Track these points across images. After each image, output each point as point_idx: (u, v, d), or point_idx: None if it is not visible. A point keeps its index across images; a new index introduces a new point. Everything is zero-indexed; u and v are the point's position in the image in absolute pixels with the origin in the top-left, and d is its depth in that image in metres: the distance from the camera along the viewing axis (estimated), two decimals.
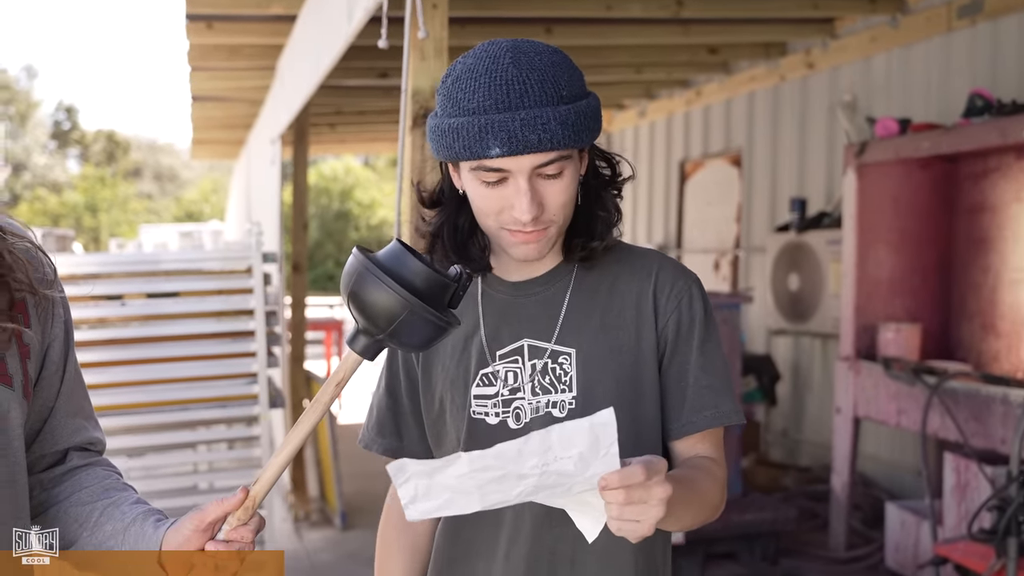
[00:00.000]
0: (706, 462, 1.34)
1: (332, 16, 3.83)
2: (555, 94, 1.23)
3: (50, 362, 1.27)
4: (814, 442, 6.11)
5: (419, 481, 1.04)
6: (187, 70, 6.32)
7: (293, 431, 1.19)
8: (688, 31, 5.65)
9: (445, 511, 1.07)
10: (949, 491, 3.89)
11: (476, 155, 1.24)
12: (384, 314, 1.14)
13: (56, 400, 1.29)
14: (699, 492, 1.26)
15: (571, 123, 1.24)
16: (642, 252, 1.42)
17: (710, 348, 1.37)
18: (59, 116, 38.47)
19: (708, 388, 1.35)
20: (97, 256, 3.93)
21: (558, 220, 1.30)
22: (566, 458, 1.01)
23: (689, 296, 1.37)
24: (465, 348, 1.40)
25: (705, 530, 4.29)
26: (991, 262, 4.43)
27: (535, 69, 1.24)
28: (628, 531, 1.05)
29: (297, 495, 5.69)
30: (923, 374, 4.03)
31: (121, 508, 1.25)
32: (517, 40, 1.28)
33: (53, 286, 1.27)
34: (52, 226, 25.87)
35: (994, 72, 4.76)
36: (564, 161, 1.26)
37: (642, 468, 1.03)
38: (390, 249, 1.19)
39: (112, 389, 3.56)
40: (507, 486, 1.04)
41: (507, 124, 1.21)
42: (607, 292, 1.38)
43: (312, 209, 24.00)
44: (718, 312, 4.59)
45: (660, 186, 8.27)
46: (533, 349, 1.37)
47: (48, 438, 1.30)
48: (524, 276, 1.40)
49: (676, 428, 1.36)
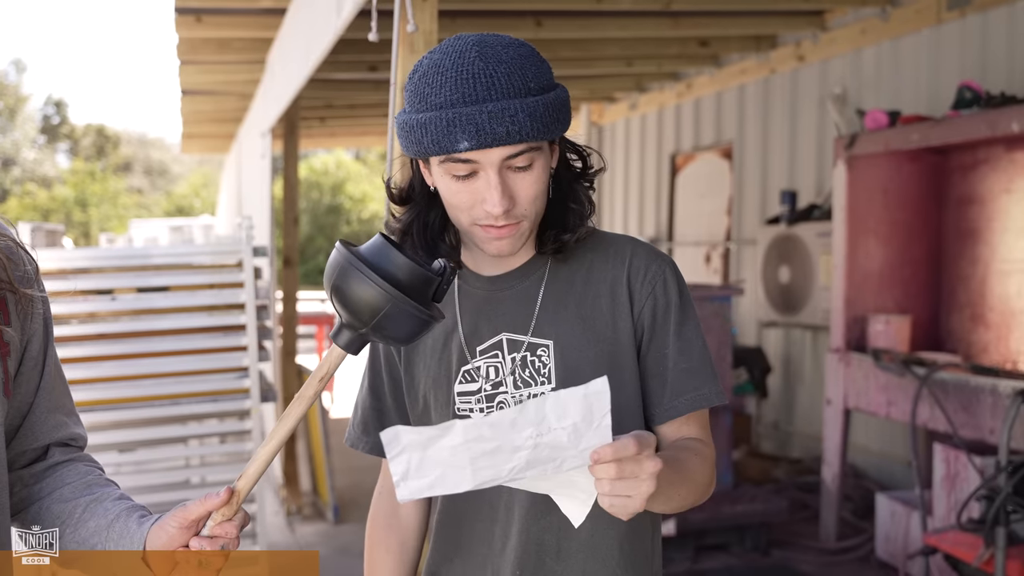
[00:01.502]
0: (693, 443, 1.34)
1: (321, 9, 3.82)
2: (523, 86, 1.23)
3: (29, 358, 1.27)
4: (805, 434, 6.14)
5: (412, 454, 1.03)
6: (176, 64, 6.30)
7: (278, 425, 1.19)
8: (678, 24, 5.65)
9: (436, 489, 1.06)
10: (939, 481, 3.91)
11: (445, 149, 1.23)
12: (367, 308, 1.14)
13: (36, 396, 1.29)
14: (687, 471, 1.26)
15: (539, 115, 1.24)
16: (615, 239, 1.41)
17: (687, 331, 1.36)
18: (48, 110, 38.28)
19: (687, 371, 1.35)
20: (87, 251, 3.91)
21: (530, 215, 1.30)
22: (560, 429, 1.01)
23: (663, 280, 1.37)
24: (445, 346, 1.40)
25: (696, 521, 4.31)
26: (980, 253, 4.45)
27: (502, 62, 1.24)
28: (619, 507, 1.05)
29: (289, 489, 5.69)
30: (913, 365, 4.05)
31: (104, 504, 1.25)
32: (483, 35, 1.28)
33: (33, 284, 1.26)
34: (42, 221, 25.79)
35: (983, 64, 4.78)
36: (534, 153, 1.26)
37: (634, 441, 1.04)
38: (373, 243, 1.19)
39: (102, 384, 3.54)
40: (500, 460, 1.04)
41: (475, 117, 1.21)
42: (582, 282, 1.38)
43: (303, 203, 23.98)
44: (709, 304, 4.60)
45: (651, 179, 8.27)
46: (512, 343, 1.37)
47: (28, 434, 1.29)
48: (499, 270, 1.40)
49: (659, 413, 1.36)
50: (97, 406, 3.51)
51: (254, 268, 3.64)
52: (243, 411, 3.67)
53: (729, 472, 4.70)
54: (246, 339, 3.63)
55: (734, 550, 4.52)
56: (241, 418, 3.72)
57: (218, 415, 3.75)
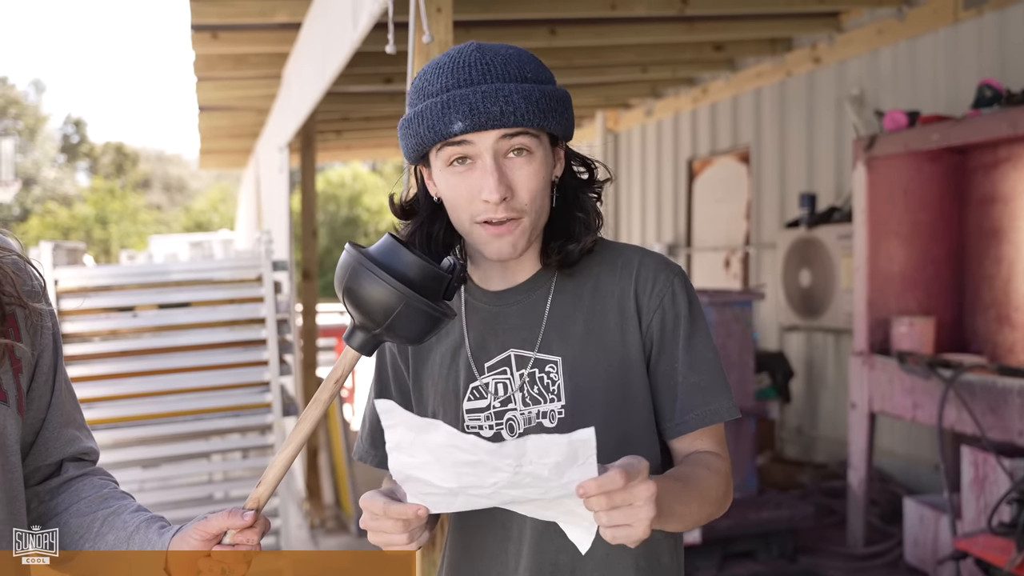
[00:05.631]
0: (705, 456, 1.31)
1: (337, 22, 3.83)
2: (519, 74, 1.24)
3: (40, 374, 1.27)
4: (829, 438, 6.09)
5: (405, 433, 1.03)
6: (193, 80, 6.33)
7: (295, 431, 1.18)
8: (693, 28, 5.63)
9: (422, 473, 1.05)
10: (967, 485, 3.86)
11: (440, 134, 1.23)
12: (380, 308, 1.13)
13: (48, 411, 1.29)
14: (697, 487, 1.23)
15: (535, 100, 1.23)
16: (623, 249, 1.38)
17: (697, 343, 1.33)
18: (68, 130, 38.66)
19: (696, 386, 1.32)
20: (108, 268, 3.93)
21: (529, 211, 1.27)
22: (540, 464, 0.99)
23: (672, 292, 1.33)
24: (453, 361, 1.38)
25: (722, 529, 4.28)
26: (1004, 253, 4.40)
27: (499, 54, 1.25)
28: (622, 537, 1.03)
29: (312, 502, 5.70)
30: (938, 367, 4.01)
31: (122, 517, 1.25)
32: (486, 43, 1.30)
33: (41, 299, 1.27)
34: (63, 239, 25.99)
35: (1003, 62, 4.74)
36: (530, 139, 1.25)
37: (620, 472, 1.00)
38: (382, 243, 1.19)
39: (125, 401, 3.56)
40: (481, 472, 1.02)
41: (468, 97, 1.21)
42: (590, 295, 1.35)
43: (321, 216, 24.07)
44: (730, 310, 4.57)
45: (668, 185, 8.25)
46: (520, 359, 1.34)
47: (42, 450, 1.29)
48: (505, 285, 1.37)
49: (669, 428, 1.33)
50: (120, 423, 3.53)
51: (274, 282, 3.65)
52: (265, 425, 3.68)
53: (754, 478, 4.66)
54: (267, 353, 3.64)
55: (761, 557, 4.48)
56: (263, 432, 3.72)
57: (240, 430, 3.76)
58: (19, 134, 35.31)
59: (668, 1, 4.97)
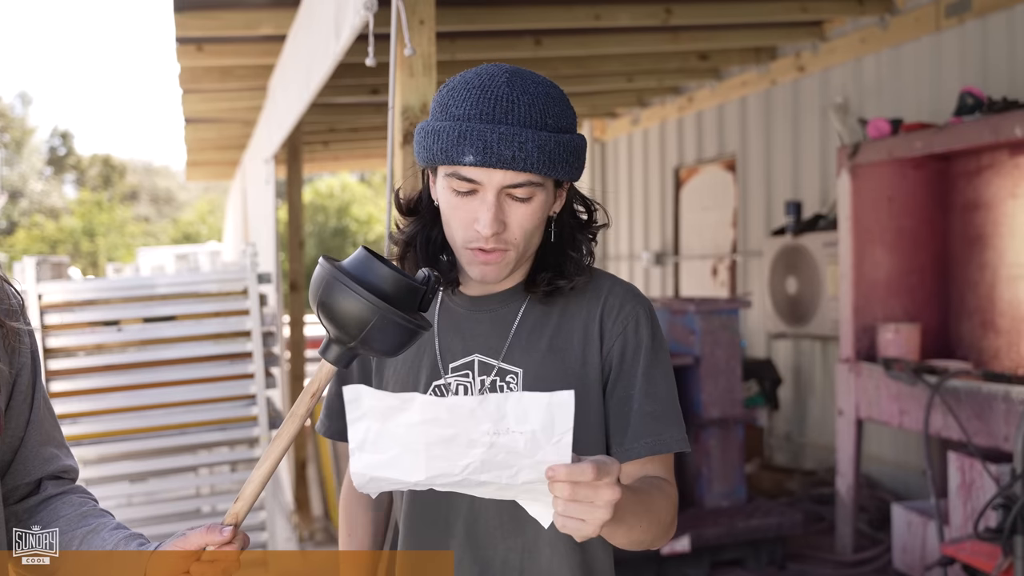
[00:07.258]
0: (658, 481, 1.33)
1: (320, 35, 3.83)
2: (540, 120, 1.25)
3: (18, 392, 1.27)
4: (818, 445, 6.10)
5: (372, 423, 1.03)
6: (179, 93, 6.32)
7: (271, 446, 1.18)
8: (678, 38, 5.65)
9: (390, 470, 1.04)
10: (954, 490, 3.87)
11: (451, 160, 1.25)
12: (354, 321, 1.14)
13: (26, 430, 1.29)
14: (651, 507, 1.25)
15: (549, 150, 1.25)
16: (596, 275, 1.42)
17: (656, 375, 1.36)
18: (54, 142, 38.48)
19: (651, 415, 1.34)
20: (93, 282, 3.92)
21: (518, 246, 1.31)
22: (518, 432, 1.00)
23: (636, 321, 1.37)
24: (418, 356, 1.41)
25: (711, 537, 4.28)
26: (988, 259, 4.42)
27: (527, 92, 1.26)
28: (572, 529, 1.03)
29: (301, 514, 5.68)
30: (924, 374, 4.02)
31: (101, 535, 1.25)
32: (520, 68, 1.31)
33: (19, 318, 1.27)
34: (50, 252, 25.89)
35: (984, 70, 4.77)
36: (535, 188, 1.27)
37: (592, 467, 1.00)
38: (356, 256, 1.19)
39: (111, 415, 3.55)
40: (454, 452, 1.02)
41: (484, 134, 1.23)
42: (558, 314, 1.39)
43: (309, 227, 24.03)
44: (717, 317, 4.59)
45: (655, 193, 8.27)
46: (483, 365, 1.38)
47: (20, 468, 1.29)
48: (481, 291, 1.41)
49: (619, 453, 1.36)
50: (107, 437, 3.51)
51: (259, 295, 3.65)
52: (252, 439, 3.67)
53: (743, 486, 4.67)
54: (252, 366, 3.63)
55: (750, 565, 4.48)
56: (251, 446, 3.71)
57: (227, 443, 3.75)
58: (5, 147, 35.19)
59: (652, 11, 4.99)
